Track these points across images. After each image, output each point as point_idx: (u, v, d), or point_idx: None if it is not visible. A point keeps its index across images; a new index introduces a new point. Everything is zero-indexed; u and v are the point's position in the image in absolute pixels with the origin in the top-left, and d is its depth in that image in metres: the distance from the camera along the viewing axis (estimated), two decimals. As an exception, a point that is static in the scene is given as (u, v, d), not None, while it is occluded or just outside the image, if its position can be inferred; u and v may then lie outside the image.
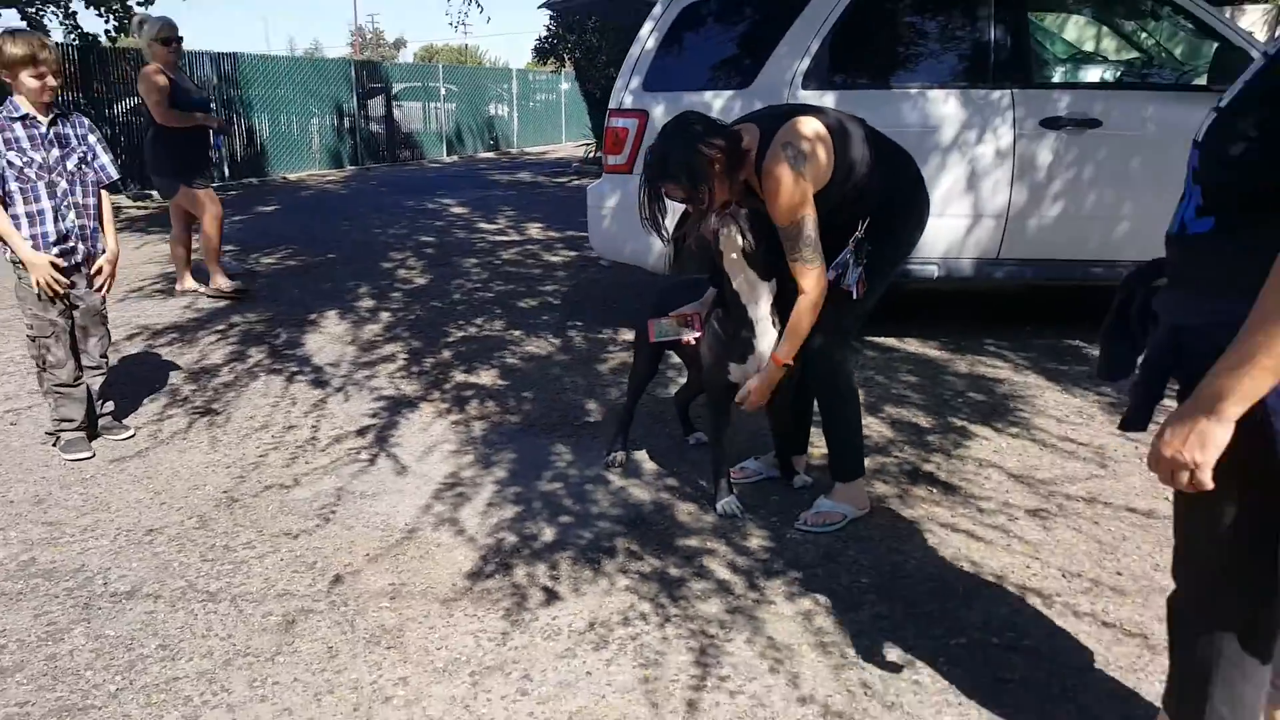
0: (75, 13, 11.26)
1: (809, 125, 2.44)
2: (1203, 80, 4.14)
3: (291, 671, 2.10)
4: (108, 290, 3.41)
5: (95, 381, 3.45)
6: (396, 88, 17.23)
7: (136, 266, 6.89)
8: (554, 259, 7.09)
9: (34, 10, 10.72)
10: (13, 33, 3.14)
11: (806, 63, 4.28)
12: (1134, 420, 1.47)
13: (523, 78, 21.92)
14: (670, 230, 2.55)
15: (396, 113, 17.10)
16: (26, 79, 3.06)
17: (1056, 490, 2.93)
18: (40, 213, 3.15)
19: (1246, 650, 1.44)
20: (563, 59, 17.21)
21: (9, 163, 3.08)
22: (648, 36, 4.48)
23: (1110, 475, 3.02)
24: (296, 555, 2.63)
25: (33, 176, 3.12)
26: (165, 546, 2.71)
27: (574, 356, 4.47)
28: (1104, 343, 1.60)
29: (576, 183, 12.72)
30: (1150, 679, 2.00)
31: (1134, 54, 5.69)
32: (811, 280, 2.48)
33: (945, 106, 4.21)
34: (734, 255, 2.56)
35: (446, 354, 4.55)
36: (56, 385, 3.30)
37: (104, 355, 3.47)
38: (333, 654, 2.16)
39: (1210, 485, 1.25)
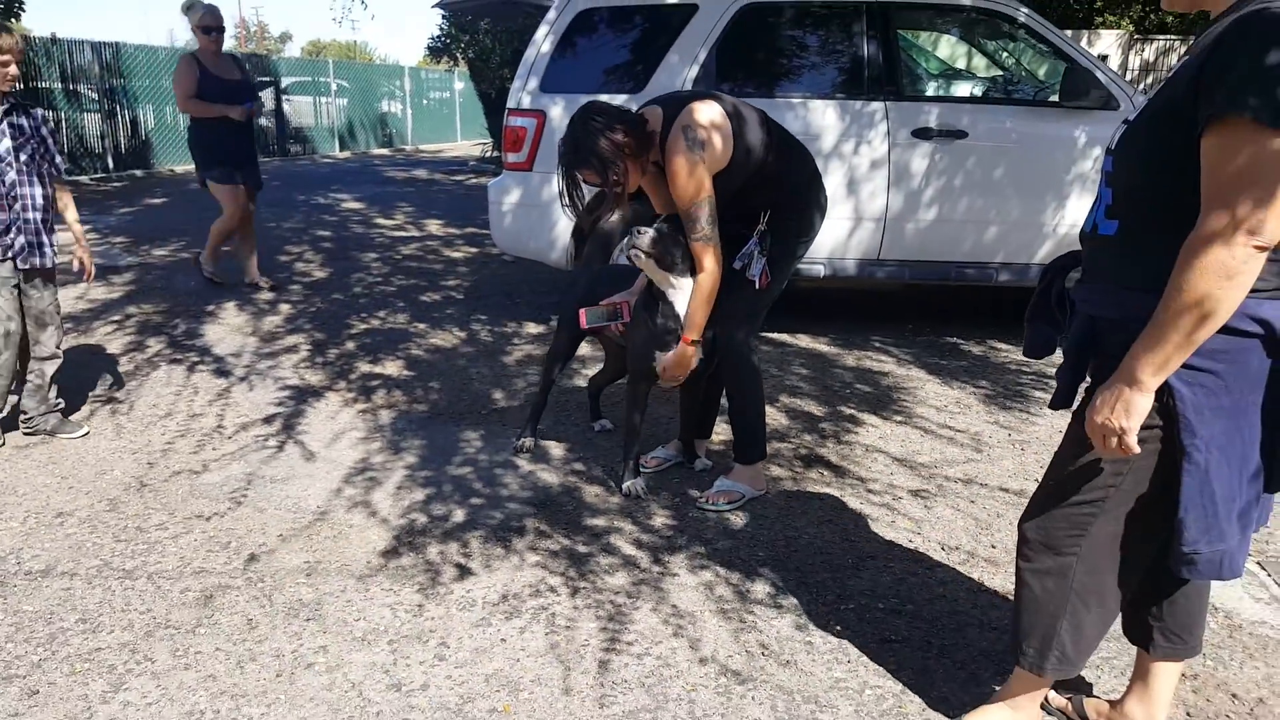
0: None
1: (706, 111, 2.58)
2: (1055, 97, 4.55)
3: (213, 642, 2.14)
4: (90, 277, 3.44)
5: (50, 370, 3.34)
6: (285, 81, 16.75)
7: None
8: (455, 255, 7.11)
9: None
10: None
11: (696, 70, 4.51)
12: (1060, 399, 1.69)
13: (416, 75, 21.61)
14: (618, 201, 2.67)
15: (286, 107, 16.62)
16: None
17: (936, 473, 3.19)
18: None
19: (1092, 588, 1.65)
20: (456, 58, 17.13)
21: None
22: (543, 40, 4.63)
23: (985, 459, 3.30)
24: (210, 536, 2.65)
25: None
26: (77, 528, 2.68)
27: (479, 348, 4.55)
28: (1029, 325, 1.80)
29: (474, 181, 12.68)
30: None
31: (998, 72, 6.18)
32: (711, 259, 2.65)
33: (826, 116, 4.50)
34: (649, 268, 2.75)
35: (350, 345, 4.56)
36: None
37: (59, 346, 3.35)
38: (253, 626, 2.21)
39: (1136, 449, 1.45)
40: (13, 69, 2.99)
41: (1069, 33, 12.06)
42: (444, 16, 15.62)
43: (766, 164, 2.70)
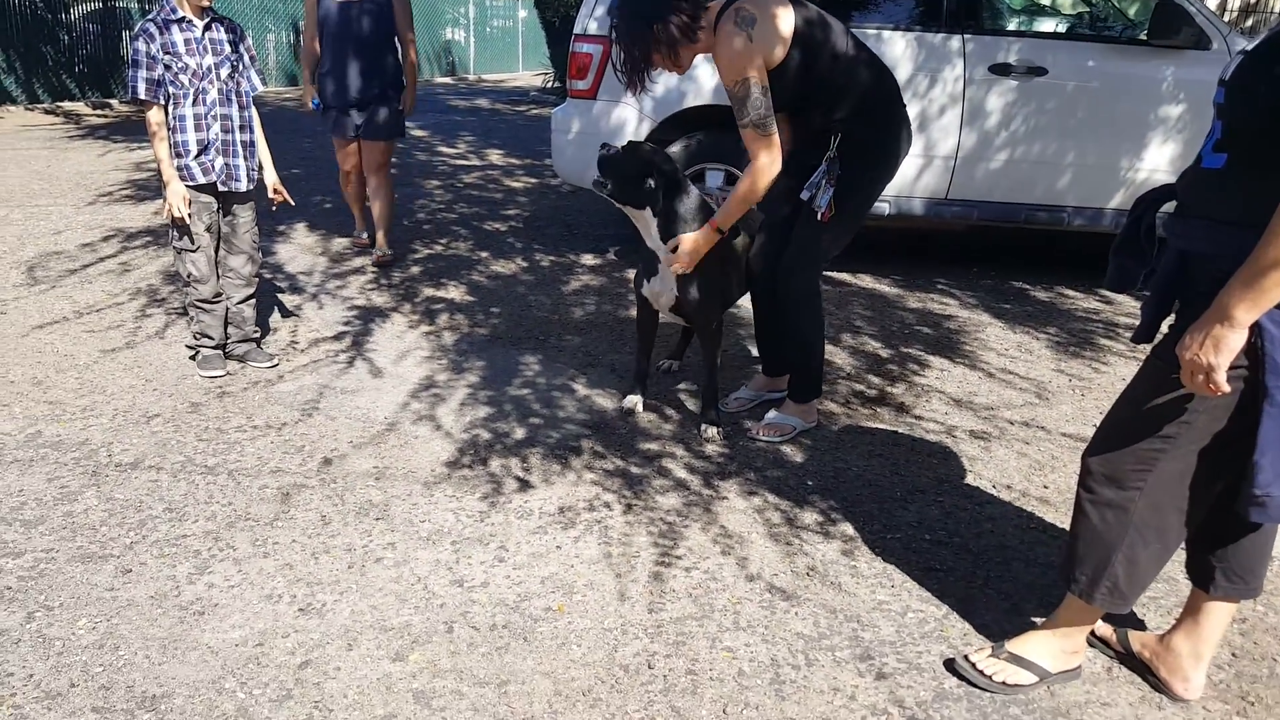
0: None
1: (773, 2, 2.48)
2: (1144, 35, 4.35)
3: (290, 534, 2.29)
4: (278, 205, 3.30)
5: (240, 296, 3.28)
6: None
7: (104, 173, 6.85)
8: (515, 185, 7.15)
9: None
10: None
11: None
12: (1143, 333, 1.67)
13: (480, 2, 21.41)
14: (642, 81, 2.59)
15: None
16: None
17: (995, 414, 3.17)
18: (181, 119, 2.97)
19: (1153, 523, 1.66)
20: (522, -15, 16.92)
21: (165, 65, 2.90)
22: None
23: (1045, 404, 3.27)
24: (286, 439, 2.79)
25: (185, 83, 2.93)
26: (162, 427, 2.85)
27: (538, 277, 4.61)
28: (1114, 257, 1.76)
29: (534, 112, 12.63)
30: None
31: (1085, 8, 5.90)
32: (759, 148, 2.48)
33: (901, 48, 4.37)
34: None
35: (415, 270, 4.66)
36: (197, 300, 3.17)
37: (256, 275, 3.31)
38: (326, 522, 2.35)
39: (1226, 387, 1.42)
40: None
41: (1164, -32, 11.39)
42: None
43: (836, 74, 2.57)
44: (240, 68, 3.10)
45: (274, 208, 3.38)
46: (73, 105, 11.30)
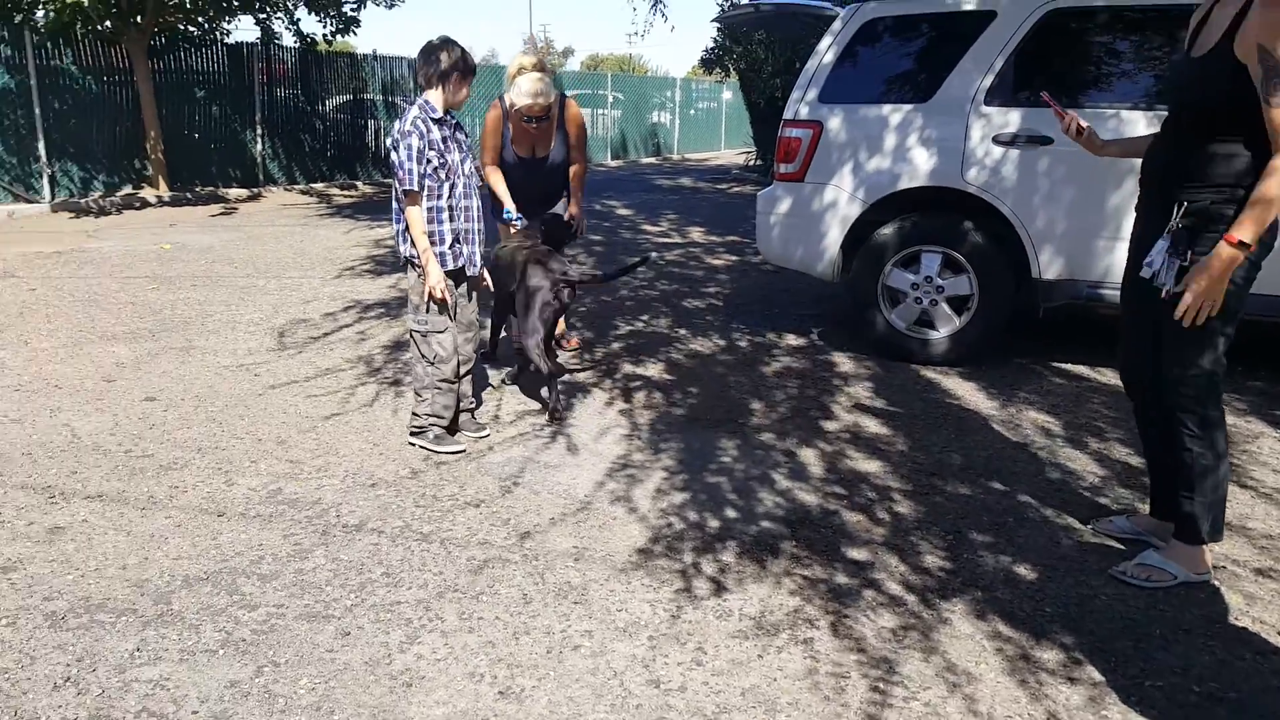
0: (299, 20, 12.42)
1: None
2: None
3: (493, 610, 2.29)
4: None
5: (462, 370, 3.36)
6: (568, 94, 17.91)
7: (348, 249, 7.61)
8: (716, 262, 7.19)
9: (264, 15, 11.77)
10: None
11: (990, 79, 4.22)
12: None
13: (685, 86, 22.27)
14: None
15: (566, 117, 17.75)
16: (466, 89, 3.13)
17: (1276, 544, 2.72)
18: (438, 211, 3.11)
19: None
20: (727, 69, 17.51)
21: (428, 160, 3.06)
22: (826, 50, 4.54)
23: (1331, 533, 2.79)
24: (493, 511, 2.85)
25: (442, 177, 3.11)
26: (385, 491, 2.99)
27: (737, 357, 4.54)
28: None
29: (735, 190, 12.80)
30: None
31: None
32: None
33: (1139, 127, 4.01)
34: None
35: (616, 346, 4.73)
36: (441, 380, 3.24)
37: (477, 350, 3.44)
38: (527, 600, 2.34)
39: None
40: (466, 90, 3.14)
41: None
42: (719, 29, 15.97)
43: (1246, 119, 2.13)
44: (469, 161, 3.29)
45: (479, 288, 3.46)
46: (323, 186, 12.68)
